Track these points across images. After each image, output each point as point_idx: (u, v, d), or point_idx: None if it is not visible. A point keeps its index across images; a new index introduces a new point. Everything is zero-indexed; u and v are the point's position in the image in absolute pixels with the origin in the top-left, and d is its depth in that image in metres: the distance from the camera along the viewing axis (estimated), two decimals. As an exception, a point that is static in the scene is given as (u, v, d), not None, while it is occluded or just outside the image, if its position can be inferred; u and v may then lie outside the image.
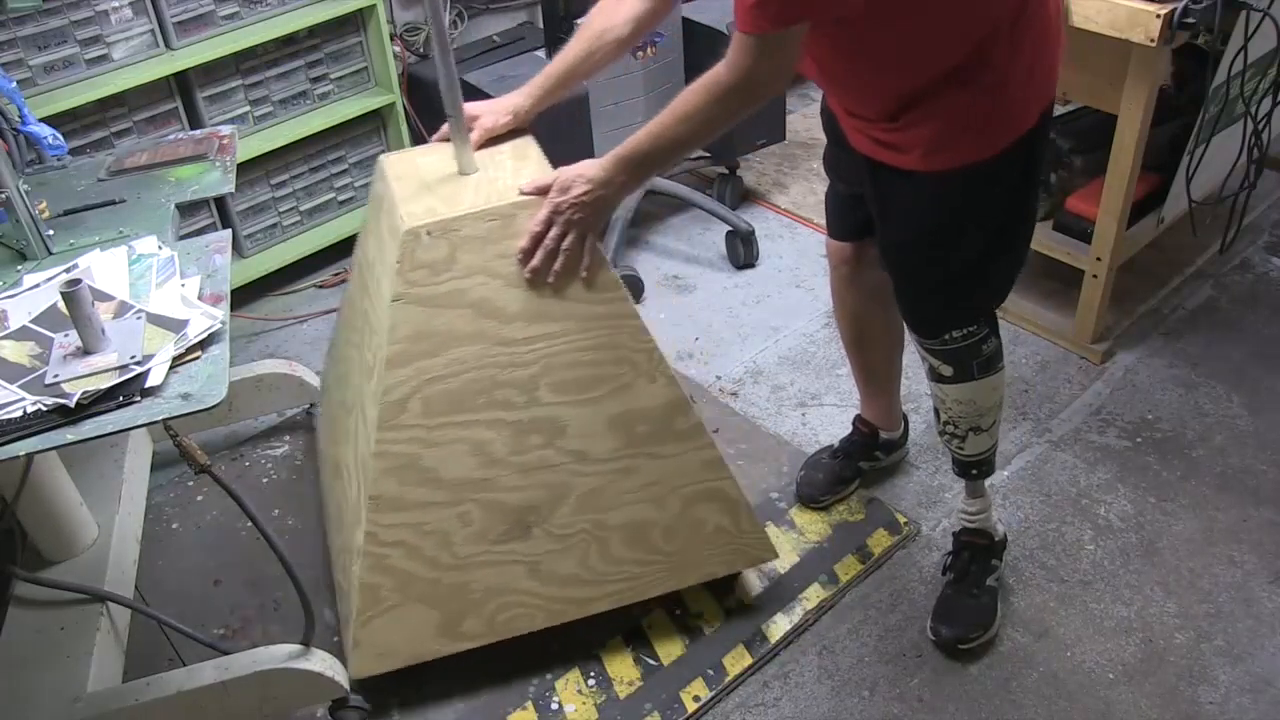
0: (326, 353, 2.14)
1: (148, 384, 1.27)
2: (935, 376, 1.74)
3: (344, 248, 2.98)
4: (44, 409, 1.24)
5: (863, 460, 2.14)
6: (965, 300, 1.66)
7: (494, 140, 1.73)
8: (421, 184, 1.64)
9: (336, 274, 2.96)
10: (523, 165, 1.67)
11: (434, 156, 1.71)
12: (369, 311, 1.71)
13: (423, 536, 1.66)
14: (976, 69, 1.42)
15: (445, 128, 1.67)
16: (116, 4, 2.40)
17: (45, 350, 1.34)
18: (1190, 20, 1.92)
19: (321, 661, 1.65)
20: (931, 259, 1.60)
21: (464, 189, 1.61)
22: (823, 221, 1.97)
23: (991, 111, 1.46)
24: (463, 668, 1.77)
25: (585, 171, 1.52)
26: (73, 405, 1.23)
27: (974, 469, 1.84)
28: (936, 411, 1.81)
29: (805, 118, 3.58)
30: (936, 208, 1.55)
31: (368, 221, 1.81)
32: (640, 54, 2.65)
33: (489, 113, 1.71)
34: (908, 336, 1.82)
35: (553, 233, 1.54)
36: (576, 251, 1.56)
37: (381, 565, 1.65)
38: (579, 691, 1.80)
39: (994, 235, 1.59)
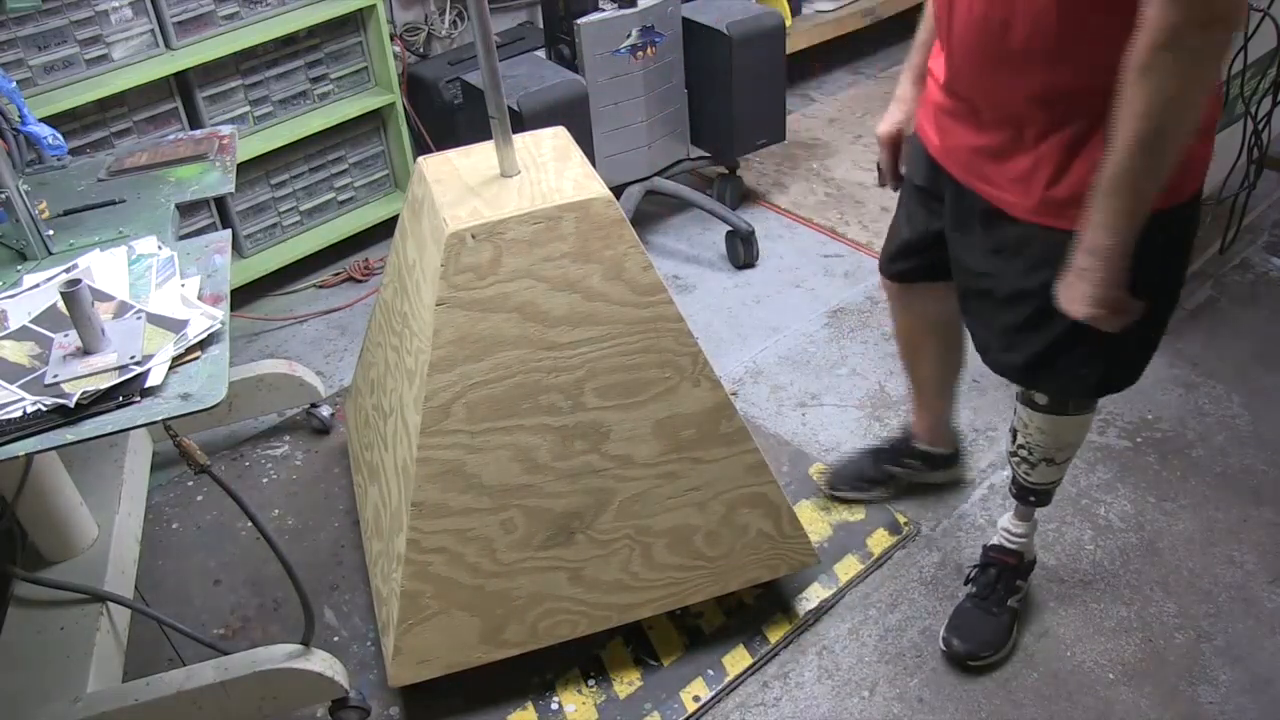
0: (358, 357, 2.14)
1: (147, 384, 1.27)
2: (1027, 400, 1.64)
3: (344, 248, 2.99)
4: (44, 409, 1.24)
5: (890, 463, 2.08)
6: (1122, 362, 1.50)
7: (533, 141, 1.70)
8: (463, 186, 1.60)
9: (336, 274, 2.96)
10: (565, 166, 1.63)
11: (473, 158, 1.68)
12: (409, 315, 1.68)
13: (465, 543, 1.64)
14: None
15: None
16: (116, 4, 2.41)
17: (45, 350, 1.34)
18: (1190, 20, 1.92)
19: (321, 661, 1.65)
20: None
21: (507, 191, 1.57)
22: (822, 222, 1.94)
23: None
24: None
25: (1086, 276, 1.27)
26: (72, 405, 1.23)
27: (1033, 496, 1.76)
28: (1014, 432, 1.72)
29: (805, 118, 3.59)
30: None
31: (405, 224, 1.79)
32: (640, 54, 2.65)
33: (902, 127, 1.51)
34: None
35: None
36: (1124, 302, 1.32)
37: (423, 572, 1.63)
38: (579, 691, 1.80)
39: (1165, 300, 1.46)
